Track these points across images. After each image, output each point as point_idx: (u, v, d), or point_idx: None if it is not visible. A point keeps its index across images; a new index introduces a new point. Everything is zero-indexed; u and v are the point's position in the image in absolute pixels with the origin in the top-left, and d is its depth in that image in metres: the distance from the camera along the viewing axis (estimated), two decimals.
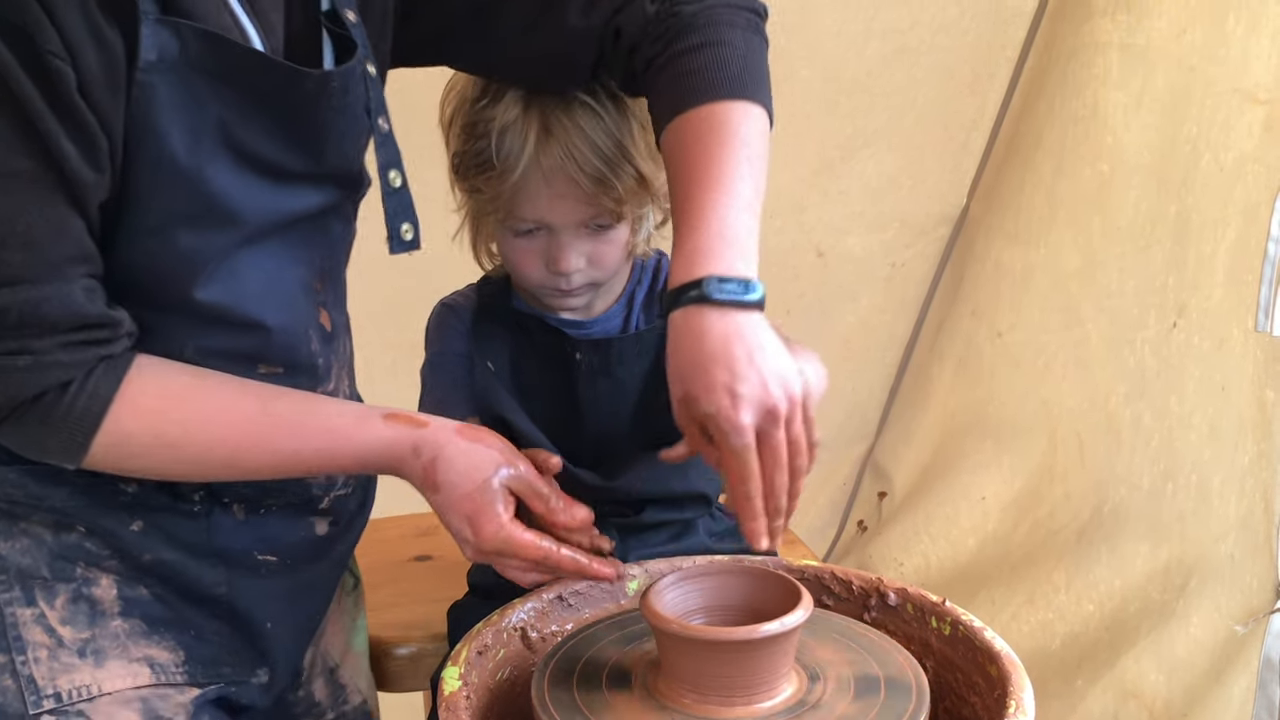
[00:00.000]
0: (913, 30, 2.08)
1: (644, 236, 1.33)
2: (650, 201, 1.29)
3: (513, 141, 1.20)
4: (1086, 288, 2.09)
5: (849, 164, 2.21)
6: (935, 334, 2.41)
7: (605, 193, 1.21)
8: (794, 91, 2.07)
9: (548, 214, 1.22)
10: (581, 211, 1.22)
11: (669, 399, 1.23)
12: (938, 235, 2.36)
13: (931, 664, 1.08)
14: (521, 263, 1.27)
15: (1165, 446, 1.96)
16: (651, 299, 1.37)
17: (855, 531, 2.58)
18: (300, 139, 1.03)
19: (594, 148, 1.20)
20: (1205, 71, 1.89)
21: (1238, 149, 1.85)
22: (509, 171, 1.20)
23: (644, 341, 1.32)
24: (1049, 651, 2.11)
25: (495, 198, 1.23)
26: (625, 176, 1.22)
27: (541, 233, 1.24)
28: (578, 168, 1.19)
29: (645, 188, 1.25)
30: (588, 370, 1.31)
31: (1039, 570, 2.15)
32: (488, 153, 1.21)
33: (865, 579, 1.15)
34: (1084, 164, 2.08)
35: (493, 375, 1.31)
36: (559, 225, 1.23)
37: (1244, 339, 1.85)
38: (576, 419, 1.32)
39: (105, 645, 1.06)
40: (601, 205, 1.22)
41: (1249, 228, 1.83)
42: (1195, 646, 1.91)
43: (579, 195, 1.21)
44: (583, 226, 1.24)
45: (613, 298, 1.36)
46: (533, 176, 1.20)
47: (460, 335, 1.36)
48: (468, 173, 1.25)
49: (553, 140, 1.19)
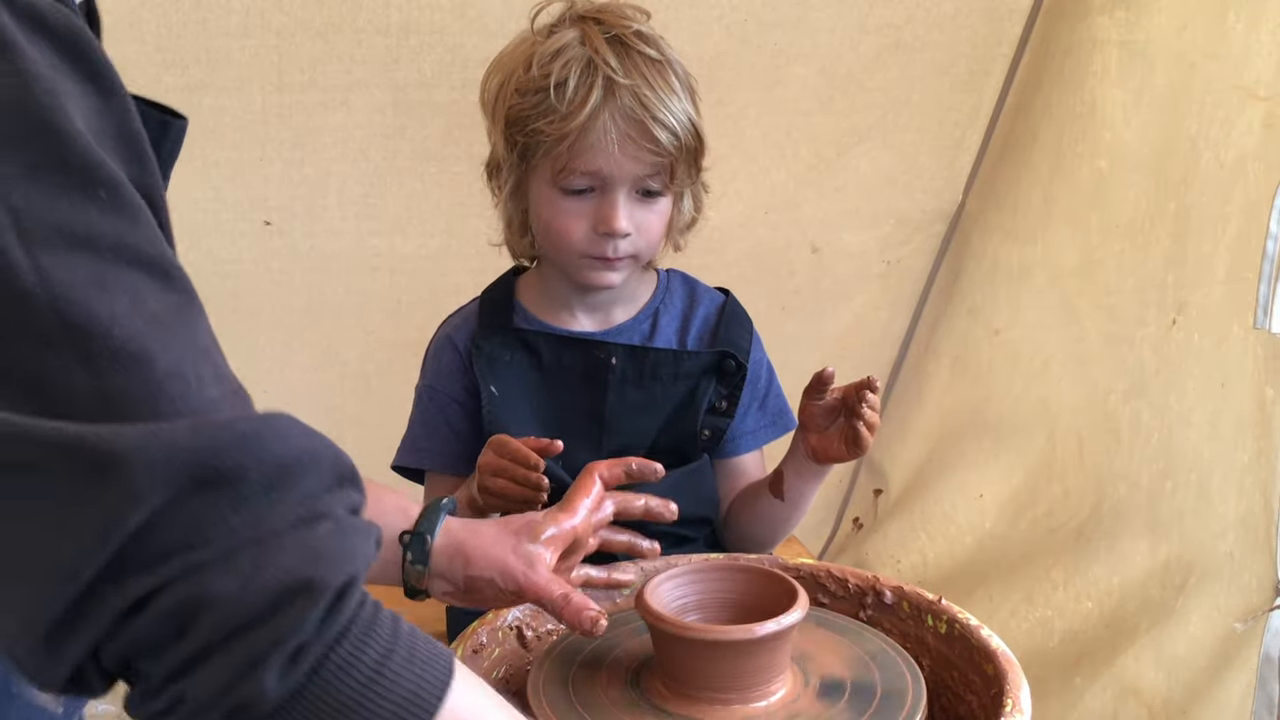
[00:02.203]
0: (908, 26, 2.07)
1: (682, 224, 1.33)
2: (695, 178, 1.29)
3: (579, 85, 1.19)
4: (1085, 285, 2.09)
5: (844, 160, 2.20)
6: (931, 331, 2.40)
7: (666, 141, 1.21)
8: (789, 88, 2.07)
9: (605, 162, 1.21)
10: (640, 160, 1.21)
11: (694, 428, 1.25)
12: (934, 232, 2.36)
13: (928, 662, 1.07)
14: (567, 226, 1.25)
15: (1164, 444, 1.96)
16: (685, 321, 1.37)
17: (851, 529, 2.58)
18: None
19: (659, 95, 1.20)
20: (1205, 68, 1.88)
21: (1238, 146, 1.84)
22: (573, 115, 1.19)
23: (685, 363, 1.32)
24: (1047, 649, 2.10)
25: (554, 146, 1.21)
26: (686, 130, 1.22)
27: (593, 194, 1.23)
28: (646, 112, 1.19)
29: (699, 152, 1.26)
30: (620, 377, 1.30)
31: (1037, 568, 2.14)
32: (549, 100, 1.20)
33: (861, 577, 1.14)
34: (1082, 161, 2.07)
35: (497, 400, 1.30)
36: (615, 178, 1.22)
37: (1244, 336, 1.84)
38: (597, 430, 1.31)
39: None
40: (659, 156, 1.22)
41: (1249, 225, 1.82)
42: (1194, 644, 1.90)
43: (640, 143, 1.20)
44: (634, 189, 1.23)
45: (635, 307, 1.36)
46: (596, 121, 1.19)
47: (454, 372, 1.35)
48: (527, 121, 1.22)
49: (620, 86, 1.19)
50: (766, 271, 2.23)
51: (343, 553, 0.58)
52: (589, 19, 1.24)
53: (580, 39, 1.22)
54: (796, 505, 1.35)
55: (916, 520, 2.37)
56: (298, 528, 0.57)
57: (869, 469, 2.55)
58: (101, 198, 0.58)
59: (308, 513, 0.58)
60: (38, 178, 0.56)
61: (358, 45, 1.84)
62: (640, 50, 1.22)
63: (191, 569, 0.54)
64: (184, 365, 0.58)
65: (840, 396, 1.25)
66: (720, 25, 1.97)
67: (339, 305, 2.10)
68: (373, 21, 1.83)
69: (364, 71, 1.86)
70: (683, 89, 1.25)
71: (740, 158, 2.09)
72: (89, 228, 0.57)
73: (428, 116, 1.94)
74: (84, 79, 0.60)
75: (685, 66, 1.26)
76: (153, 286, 0.59)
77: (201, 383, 0.58)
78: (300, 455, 0.58)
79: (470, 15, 1.86)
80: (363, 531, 0.61)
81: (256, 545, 0.56)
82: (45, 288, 0.55)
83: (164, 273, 0.60)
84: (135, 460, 0.53)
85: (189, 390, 0.57)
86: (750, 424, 1.39)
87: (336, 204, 2.00)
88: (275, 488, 0.57)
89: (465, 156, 1.96)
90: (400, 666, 0.58)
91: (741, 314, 1.40)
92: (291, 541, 0.57)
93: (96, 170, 0.58)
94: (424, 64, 1.89)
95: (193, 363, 0.58)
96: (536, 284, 1.38)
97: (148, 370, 0.56)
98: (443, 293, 1.38)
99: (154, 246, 0.60)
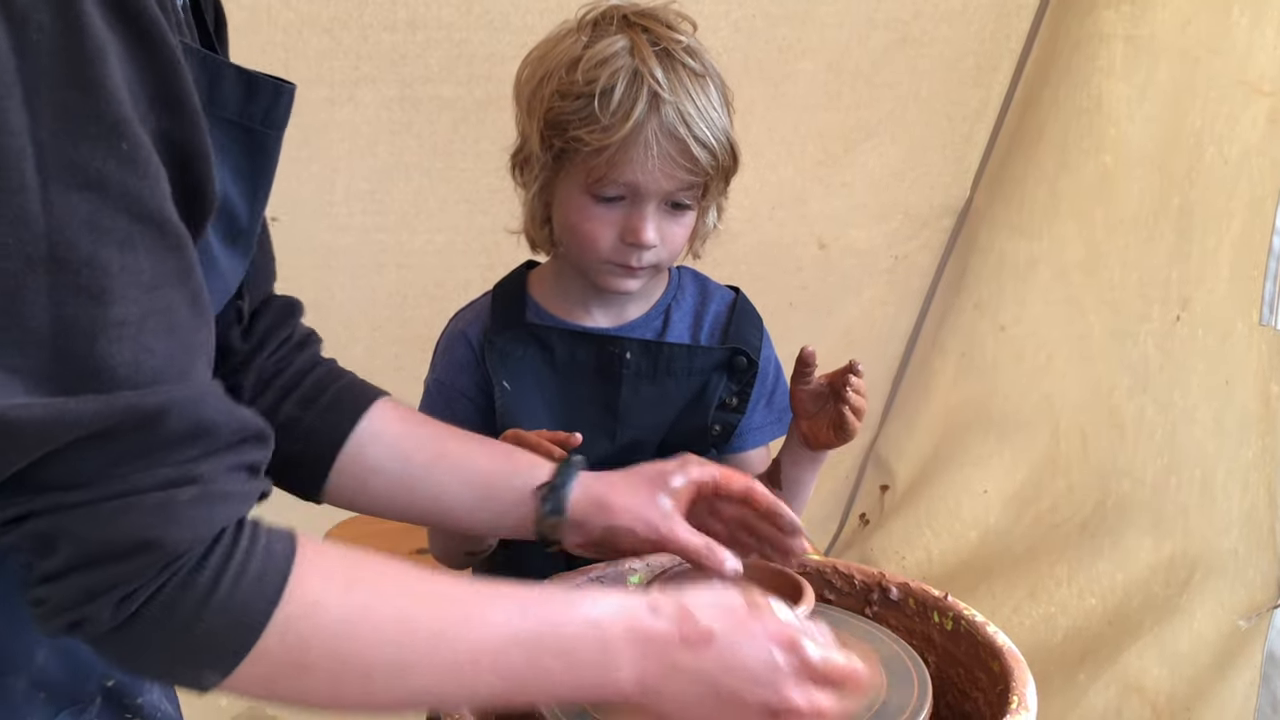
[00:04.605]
0: (915, 21, 2.07)
1: (704, 234, 1.34)
2: (724, 193, 1.30)
3: (624, 97, 1.19)
4: (1090, 280, 2.09)
5: (852, 156, 2.20)
6: (938, 327, 2.40)
7: (705, 161, 1.21)
8: (796, 83, 2.07)
9: (643, 176, 1.21)
10: (676, 178, 1.22)
11: (704, 424, 1.26)
12: (941, 227, 2.36)
13: (934, 659, 1.08)
14: (595, 232, 1.25)
15: (1169, 440, 1.96)
16: (697, 318, 1.37)
17: (857, 525, 2.58)
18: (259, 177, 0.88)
19: (702, 114, 1.20)
20: (1209, 64, 1.88)
21: (1242, 141, 1.84)
22: (615, 128, 1.19)
23: (698, 358, 1.32)
24: (1051, 646, 2.10)
25: (592, 156, 1.21)
26: (724, 149, 1.23)
27: (623, 203, 1.24)
28: (689, 131, 1.19)
29: (733, 170, 1.26)
30: (634, 371, 1.31)
31: (1041, 564, 2.15)
32: (591, 108, 1.19)
33: (867, 573, 1.15)
34: (1088, 156, 2.07)
35: (510, 395, 1.30)
36: (649, 192, 1.22)
37: (1248, 333, 1.84)
38: (611, 423, 1.32)
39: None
40: (695, 175, 1.22)
41: (1253, 221, 1.83)
42: (1198, 641, 1.90)
43: (679, 161, 1.21)
44: (665, 201, 1.24)
45: (648, 304, 1.37)
46: (639, 136, 1.19)
47: (465, 368, 1.35)
48: (567, 127, 1.21)
49: (665, 102, 1.19)
50: (774, 267, 2.23)
51: (196, 518, 0.67)
52: (637, 26, 1.23)
53: (629, 48, 1.21)
54: (794, 494, 1.35)
55: (922, 516, 2.37)
56: (165, 489, 0.66)
57: (875, 465, 2.55)
58: (123, 149, 0.63)
59: (178, 477, 0.66)
60: (69, 120, 0.62)
61: (364, 41, 1.85)
62: (686, 63, 1.21)
63: (59, 506, 0.64)
64: (136, 313, 0.65)
65: (827, 382, 1.26)
66: (728, 21, 1.97)
67: (346, 300, 2.10)
68: (380, 18, 1.83)
69: (371, 67, 1.87)
70: (721, 104, 1.25)
71: (747, 154, 2.08)
72: (102, 174, 0.62)
73: (434, 112, 1.95)
74: (132, 37, 0.64)
75: (723, 78, 1.27)
76: (147, 242, 0.65)
77: (145, 331, 0.65)
78: (198, 425, 0.67)
79: (477, 11, 1.86)
80: (233, 495, 0.69)
81: (121, 499, 0.65)
82: (47, 217, 0.61)
83: (162, 231, 0.66)
84: (28, 429, 0.62)
85: (130, 338, 0.64)
86: (758, 420, 1.40)
87: (343, 199, 2.00)
88: (153, 451, 0.65)
89: (472, 152, 1.96)
90: (227, 590, 0.67)
91: (752, 311, 1.40)
92: (152, 501, 0.65)
93: (124, 126, 0.63)
94: (431, 60, 1.89)
95: (145, 311, 0.65)
96: (550, 279, 1.38)
97: (100, 310, 0.63)
98: (449, 288, 1.38)
99: (160, 206, 0.66)
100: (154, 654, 0.69)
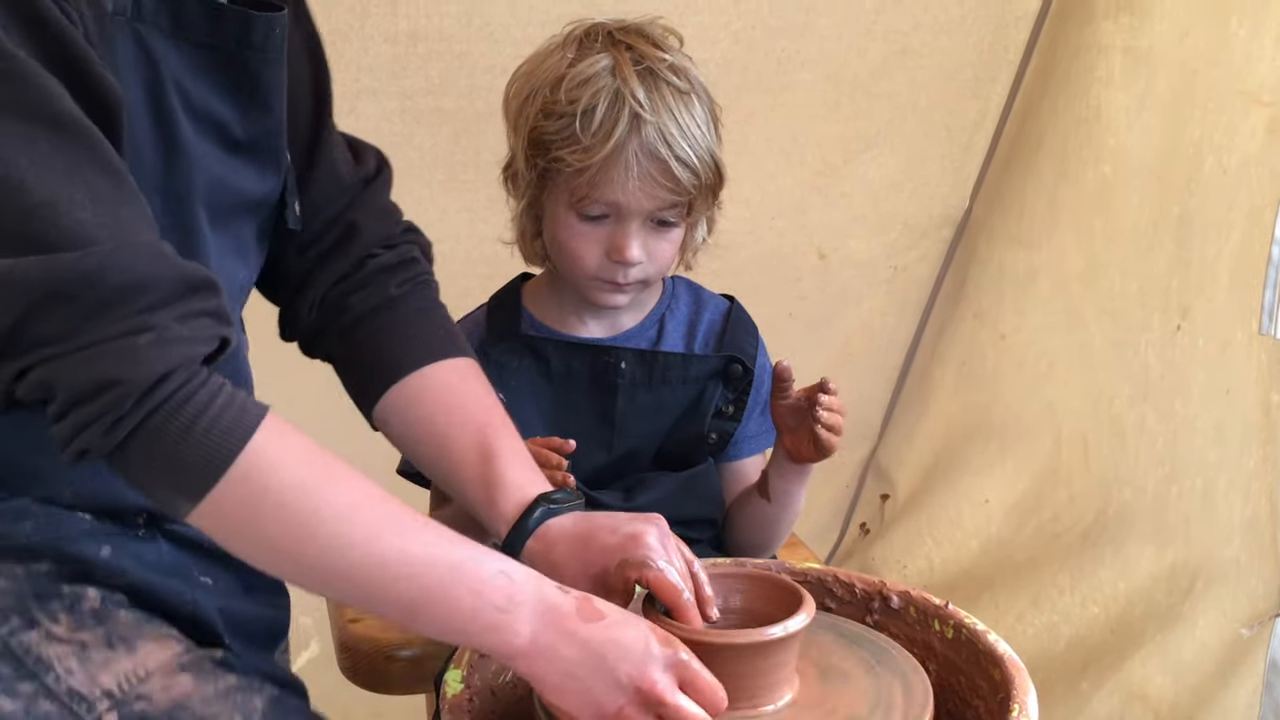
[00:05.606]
0: (915, 32, 2.08)
1: (694, 247, 1.34)
2: (711, 208, 1.30)
3: (605, 118, 1.19)
4: (1089, 290, 2.09)
5: (851, 166, 2.21)
6: (938, 337, 2.40)
7: (687, 180, 1.21)
8: (795, 94, 2.07)
9: (624, 196, 1.21)
10: (658, 198, 1.22)
11: (700, 432, 1.26)
12: (940, 238, 2.36)
13: (934, 667, 1.08)
14: (581, 250, 1.26)
15: (1170, 449, 1.96)
16: (691, 327, 1.37)
17: (858, 534, 2.58)
18: (247, 93, 0.99)
19: (685, 133, 1.20)
20: (1208, 74, 1.89)
21: (1241, 152, 1.84)
22: (595, 148, 1.19)
23: (693, 367, 1.33)
24: (1053, 654, 2.10)
25: (574, 176, 1.22)
26: (707, 168, 1.23)
27: (608, 220, 1.24)
28: (670, 151, 1.20)
29: (718, 187, 1.26)
30: (630, 381, 1.31)
31: (1043, 573, 2.15)
32: (573, 128, 1.20)
33: (868, 582, 1.15)
34: (1087, 166, 2.07)
35: (506, 406, 1.31)
36: (632, 211, 1.23)
37: (1248, 342, 1.84)
38: (607, 433, 1.32)
39: (126, 632, 0.97)
40: (678, 195, 1.22)
41: (1253, 231, 1.83)
42: (1201, 649, 1.90)
43: (660, 181, 1.21)
44: (649, 218, 1.24)
45: (642, 313, 1.37)
46: (619, 156, 1.20)
47: None
48: (550, 147, 1.23)
49: (646, 122, 1.19)
50: (773, 278, 2.23)
51: (157, 357, 0.80)
52: (622, 44, 1.24)
53: (612, 68, 1.21)
54: (784, 506, 1.36)
55: (923, 525, 2.37)
56: (125, 336, 0.80)
57: (876, 474, 2.55)
58: (2, 68, 0.78)
59: (135, 326, 0.80)
60: None
61: (365, 53, 1.85)
62: (670, 81, 1.22)
63: (47, 359, 0.80)
64: (58, 195, 0.79)
65: (805, 396, 1.26)
66: (727, 32, 1.97)
67: None
68: (380, 29, 1.84)
69: (371, 79, 1.87)
70: (706, 121, 1.24)
71: (746, 164, 2.10)
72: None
73: (435, 124, 1.95)
74: None
75: (710, 93, 1.27)
76: (51, 137, 0.79)
77: (73, 206, 0.79)
78: (139, 279, 0.80)
79: (477, 23, 1.87)
80: (188, 339, 0.82)
81: (90, 348, 0.79)
82: None
83: (61, 126, 0.80)
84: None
85: (59, 215, 0.79)
86: (752, 429, 1.40)
87: None
88: (110, 305, 0.79)
89: (473, 164, 1.96)
90: (203, 430, 0.81)
91: (747, 320, 1.41)
92: (114, 348, 0.80)
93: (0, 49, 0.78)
94: (431, 72, 1.89)
95: (67, 192, 0.79)
96: (544, 290, 1.39)
97: (23, 198, 0.78)
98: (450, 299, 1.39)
99: (57, 108, 0.80)
100: (143, 475, 0.84)
